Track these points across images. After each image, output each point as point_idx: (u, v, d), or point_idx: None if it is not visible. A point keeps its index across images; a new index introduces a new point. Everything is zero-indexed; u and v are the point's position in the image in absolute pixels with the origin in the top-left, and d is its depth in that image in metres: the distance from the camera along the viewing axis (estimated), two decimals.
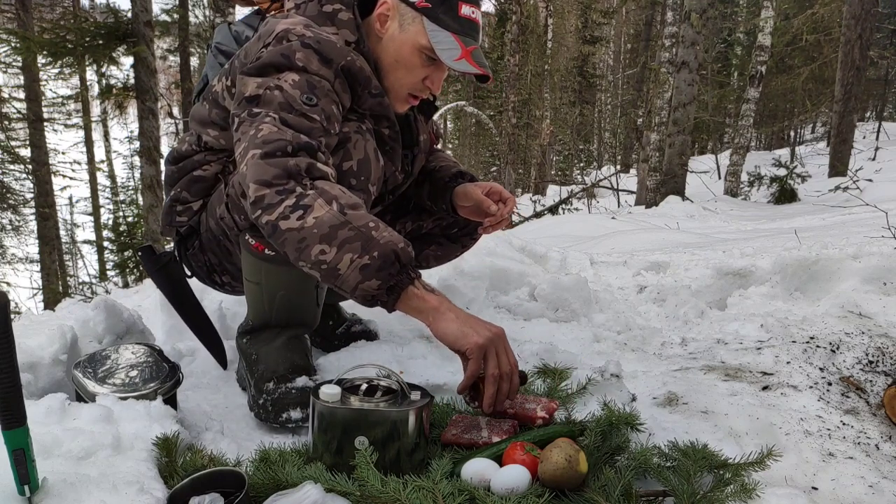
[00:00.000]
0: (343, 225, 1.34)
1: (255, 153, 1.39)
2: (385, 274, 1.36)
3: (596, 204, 13.50)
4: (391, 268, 1.36)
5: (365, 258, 1.34)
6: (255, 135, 1.42)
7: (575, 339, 2.33)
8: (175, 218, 1.80)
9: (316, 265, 1.36)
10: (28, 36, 9.56)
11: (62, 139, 16.23)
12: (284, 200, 1.35)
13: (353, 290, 1.37)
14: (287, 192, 1.36)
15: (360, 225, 1.35)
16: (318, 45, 1.52)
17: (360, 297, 1.40)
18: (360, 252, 1.34)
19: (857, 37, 11.69)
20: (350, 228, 1.34)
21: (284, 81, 1.48)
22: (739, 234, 6.18)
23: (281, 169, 1.37)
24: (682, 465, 1.40)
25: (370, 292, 1.37)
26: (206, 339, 1.96)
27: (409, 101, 1.72)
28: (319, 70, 1.51)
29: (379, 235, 1.36)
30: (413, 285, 1.39)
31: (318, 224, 1.34)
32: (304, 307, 1.73)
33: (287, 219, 1.35)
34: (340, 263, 1.34)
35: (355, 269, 1.35)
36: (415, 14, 1.61)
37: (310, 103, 1.47)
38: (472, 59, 1.61)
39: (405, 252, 1.38)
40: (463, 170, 1.96)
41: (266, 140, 1.40)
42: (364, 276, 1.35)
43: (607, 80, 27.33)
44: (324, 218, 1.34)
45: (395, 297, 1.39)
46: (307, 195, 1.36)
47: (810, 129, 24.55)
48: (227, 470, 1.24)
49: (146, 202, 9.18)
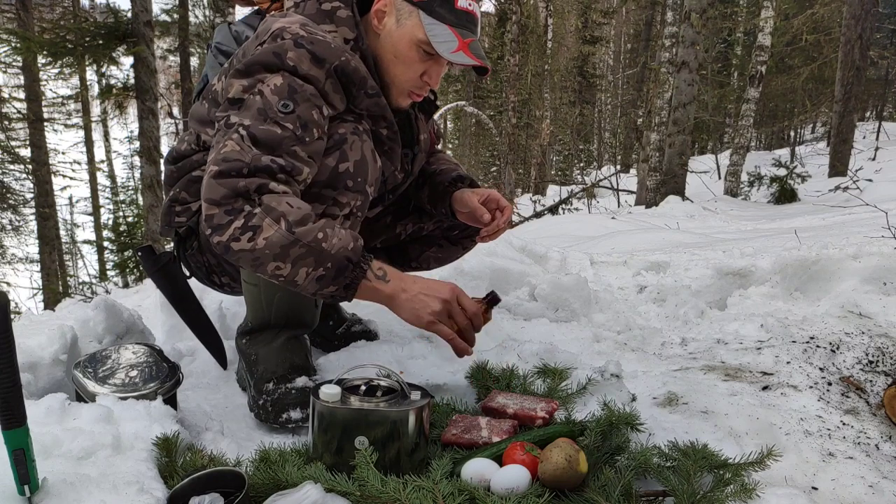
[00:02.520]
0: (293, 244, 1.39)
1: (213, 170, 1.42)
2: (341, 279, 1.43)
3: (596, 204, 13.50)
4: (345, 272, 1.43)
5: (320, 270, 1.41)
6: (220, 150, 1.45)
7: (575, 339, 2.33)
8: (174, 218, 1.80)
9: (274, 277, 1.43)
10: (28, 36, 9.56)
11: (62, 139, 16.22)
12: (234, 221, 1.39)
13: (313, 295, 1.46)
14: (235, 212, 1.39)
15: (310, 241, 1.39)
16: (311, 46, 1.51)
17: (319, 298, 1.52)
18: (314, 266, 1.41)
19: (857, 37, 11.68)
20: (301, 246, 1.39)
21: (267, 86, 1.49)
22: (739, 234, 6.18)
23: (229, 189, 1.40)
24: (682, 465, 1.40)
25: (328, 295, 1.46)
26: (206, 340, 1.95)
27: (411, 97, 1.71)
28: (310, 71, 1.50)
29: (329, 246, 1.41)
30: (365, 278, 1.46)
31: (268, 245, 1.38)
32: (302, 308, 1.73)
33: (238, 241, 1.39)
34: (297, 276, 1.41)
35: (312, 281, 1.42)
36: (411, 8, 1.60)
37: (285, 110, 1.47)
38: (470, 51, 1.60)
39: (356, 250, 1.44)
40: (462, 174, 1.94)
41: (226, 158, 1.43)
42: (321, 286, 1.43)
43: (607, 80, 27.32)
44: (273, 239, 1.38)
45: (353, 291, 1.46)
46: (254, 214, 1.39)
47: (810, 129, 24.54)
48: (227, 470, 1.24)
49: (146, 202, 9.18)
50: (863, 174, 10.85)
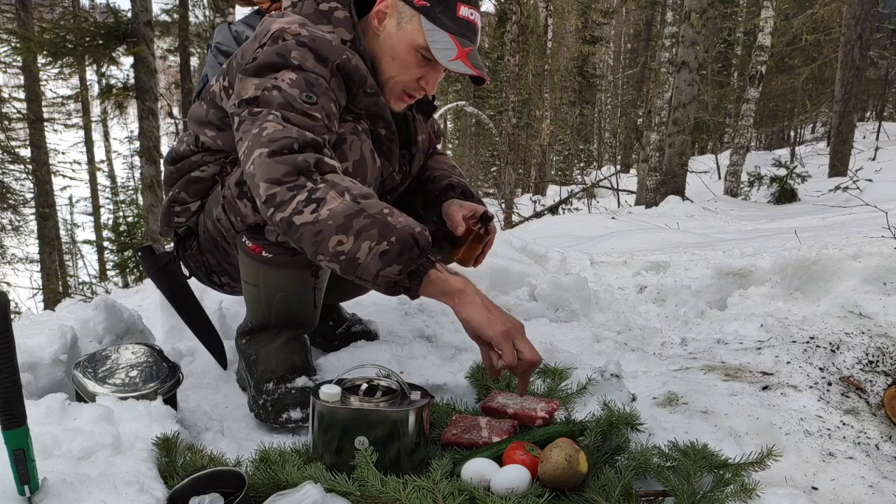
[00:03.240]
0: (357, 214, 1.33)
1: (262, 152, 1.38)
2: (405, 258, 1.34)
3: (596, 204, 13.50)
4: (410, 252, 1.34)
5: (383, 244, 1.33)
6: (260, 133, 1.41)
7: (575, 339, 2.33)
8: (173, 219, 1.80)
9: (334, 257, 1.35)
10: (28, 36, 9.56)
11: (62, 139, 16.21)
12: (296, 196, 1.35)
13: (375, 277, 1.36)
14: (298, 188, 1.35)
15: (375, 212, 1.34)
16: (313, 44, 1.51)
17: (382, 285, 1.38)
18: (378, 239, 1.33)
19: (857, 37, 11.68)
20: (365, 216, 1.33)
21: (282, 81, 1.48)
22: (739, 234, 6.18)
23: (290, 166, 1.36)
24: (682, 465, 1.40)
25: (392, 278, 1.35)
26: (206, 340, 1.95)
27: (404, 99, 1.71)
28: (315, 68, 1.51)
29: (395, 221, 1.35)
30: (434, 268, 1.37)
31: (332, 215, 1.33)
32: (302, 308, 1.73)
33: (301, 213, 1.34)
34: (359, 252, 1.33)
35: (374, 257, 1.33)
36: (413, 12, 1.60)
37: (309, 101, 1.47)
38: (468, 61, 1.60)
39: (423, 236, 1.37)
40: (454, 181, 1.91)
41: (272, 138, 1.39)
42: (384, 263, 1.33)
43: (607, 80, 27.32)
44: (337, 209, 1.33)
45: (418, 281, 1.36)
46: (318, 188, 1.35)
47: (810, 129, 24.54)
48: (227, 470, 1.24)
49: (146, 202, 9.18)
50: (863, 174, 10.85)
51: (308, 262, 1.65)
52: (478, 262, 1.89)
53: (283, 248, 1.61)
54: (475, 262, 1.89)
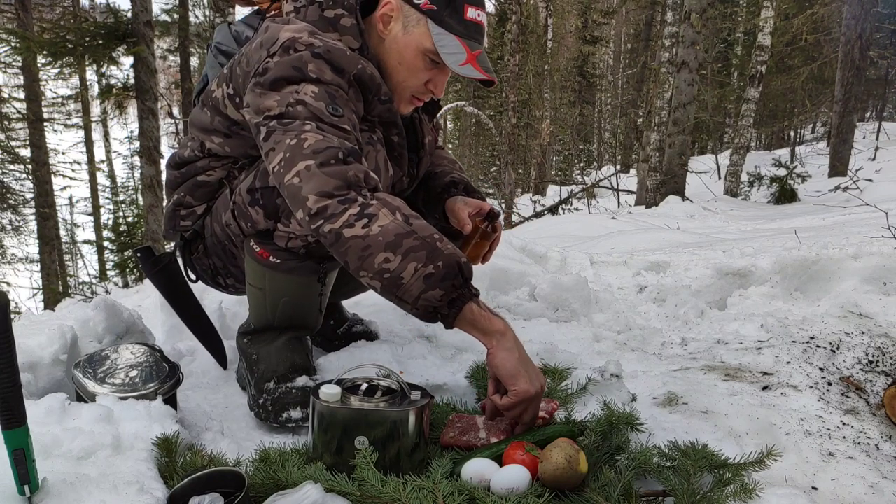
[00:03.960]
0: (409, 234, 1.34)
1: (310, 164, 1.36)
2: (448, 285, 1.34)
3: (596, 204, 13.50)
4: (455, 279, 1.35)
5: (430, 267, 1.33)
6: (300, 144, 1.38)
7: (575, 339, 2.33)
8: (179, 222, 1.79)
9: (378, 274, 1.34)
10: (28, 36, 9.56)
11: (62, 139, 16.21)
12: (348, 209, 1.34)
13: (416, 300, 1.35)
14: (350, 202, 1.35)
15: (426, 235, 1.35)
16: (328, 55, 1.48)
17: (421, 309, 1.37)
18: (425, 261, 1.33)
19: (857, 37, 11.68)
20: (416, 238, 1.33)
21: (304, 94, 1.45)
22: (739, 234, 6.18)
23: (341, 179, 1.36)
24: (682, 465, 1.40)
25: (432, 303, 1.35)
26: (206, 340, 1.95)
27: (413, 103, 1.70)
28: (333, 80, 1.48)
29: (443, 247, 1.36)
30: (474, 302, 1.38)
31: (383, 232, 1.33)
32: (306, 312, 1.73)
33: (352, 227, 1.33)
34: (405, 272, 1.33)
35: (419, 279, 1.33)
36: (419, 16, 1.58)
37: (337, 114, 1.45)
38: (478, 64, 1.58)
39: (468, 267, 1.38)
40: (457, 178, 1.91)
41: (316, 149, 1.37)
42: (427, 286, 1.33)
43: (607, 80, 27.32)
44: (389, 226, 1.33)
45: (457, 311, 1.37)
46: (371, 204, 1.35)
47: (810, 129, 24.54)
48: (227, 470, 1.24)
49: (146, 202, 9.18)
50: (863, 174, 10.85)
51: (315, 268, 1.64)
52: (485, 259, 1.90)
53: (290, 254, 1.61)
54: (483, 260, 1.89)
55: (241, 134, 1.63)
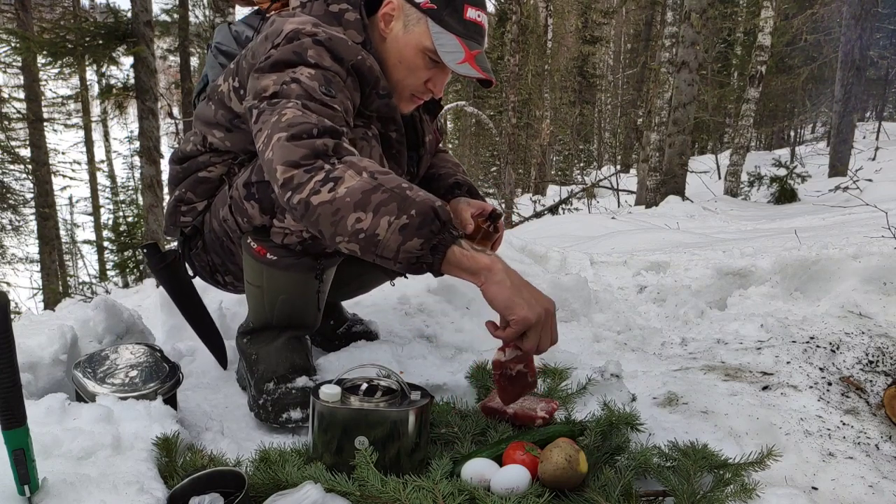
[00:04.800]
0: (375, 189, 1.29)
1: (281, 136, 1.36)
2: (426, 231, 1.29)
3: (596, 204, 13.50)
4: (431, 224, 1.29)
5: (403, 218, 1.28)
6: (279, 120, 1.39)
7: (575, 339, 2.33)
8: (179, 218, 1.80)
9: (353, 236, 1.31)
10: (28, 36, 9.55)
11: (62, 139, 16.20)
12: (314, 177, 1.32)
13: (396, 254, 1.30)
14: (316, 170, 1.32)
15: (393, 186, 1.31)
16: (329, 43, 1.51)
17: (403, 262, 1.32)
18: (398, 213, 1.29)
19: (857, 37, 11.68)
20: (383, 191, 1.29)
21: (301, 74, 1.46)
22: (739, 234, 6.18)
23: (308, 149, 1.34)
24: (682, 465, 1.40)
25: (413, 253, 1.30)
26: (208, 339, 1.96)
27: (413, 101, 1.71)
28: (332, 66, 1.50)
29: (414, 194, 1.31)
30: (457, 244, 1.32)
31: (349, 192, 1.29)
32: (304, 310, 1.73)
33: (318, 193, 1.30)
34: (378, 228, 1.29)
35: (394, 232, 1.28)
36: (420, 15, 1.60)
37: (329, 94, 1.46)
38: (476, 64, 1.59)
39: (443, 210, 1.32)
40: (460, 179, 1.91)
41: (291, 123, 1.37)
42: (405, 237, 1.28)
43: (607, 80, 27.32)
44: (355, 185, 1.30)
45: (441, 256, 1.31)
46: (336, 168, 1.32)
47: (810, 129, 24.54)
48: (227, 470, 1.24)
49: (146, 202, 9.17)
50: (863, 174, 10.86)
51: (312, 265, 1.64)
52: None
53: (287, 251, 1.61)
54: None
55: (242, 128, 1.64)
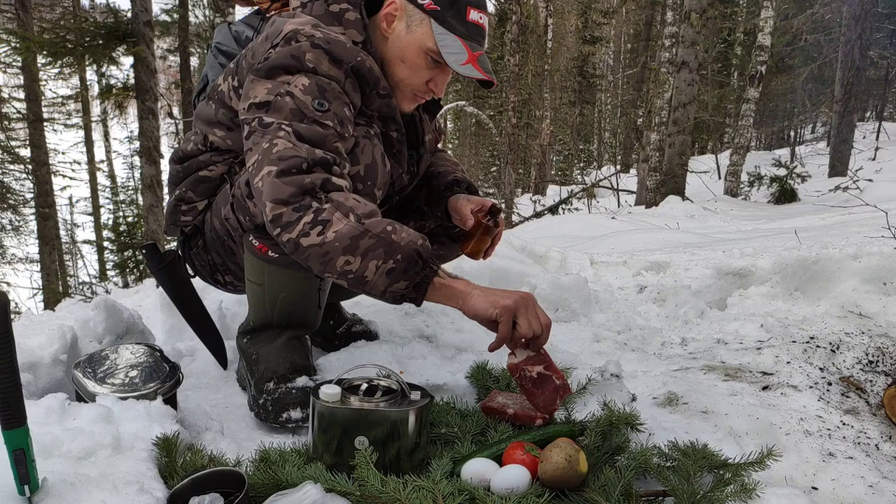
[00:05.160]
0: (363, 234, 1.37)
1: (271, 170, 1.39)
2: (411, 274, 1.40)
3: (596, 204, 13.50)
4: (415, 267, 1.40)
5: (390, 263, 1.38)
6: (270, 149, 1.42)
7: (575, 339, 2.33)
8: (179, 217, 1.80)
9: (342, 275, 1.40)
10: (28, 36, 9.56)
11: (62, 139, 16.20)
12: (303, 217, 1.37)
13: (382, 293, 1.42)
14: (304, 209, 1.37)
15: (379, 231, 1.38)
16: (328, 46, 1.51)
17: (390, 298, 1.44)
18: (384, 257, 1.38)
19: (857, 37, 11.69)
20: (370, 237, 1.37)
21: (294, 87, 1.47)
22: (739, 234, 6.18)
23: (296, 187, 1.38)
24: (682, 465, 1.40)
25: (399, 292, 1.42)
26: (207, 339, 1.95)
27: (414, 101, 1.72)
28: (330, 71, 1.50)
29: (398, 238, 1.39)
30: (437, 276, 1.43)
31: (338, 237, 1.36)
32: (305, 309, 1.73)
33: (308, 235, 1.37)
34: (367, 272, 1.38)
35: (382, 275, 1.39)
36: (423, 16, 1.61)
37: (321, 109, 1.47)
38: (478, 65, 1.61)
39: (425, 248, 1.42)
40: (459, 177, 1.93)
41: (281, 156, 1.40)
42: (391, 280, 1.40)
43: (607, 80, 27.31)
44: (343, 230, 1.37)
45: (423, 291, 1.43)
46: (324, 210, 1.37)
47: (810, 129, 24.54)
48: (227, 470, 1.24)
49: (146, 202, 9.18)
50: (863, 174, 10.87)
51: None
52: (487, 254, 1.91)
53: None
54: (485, 255, 1.91)
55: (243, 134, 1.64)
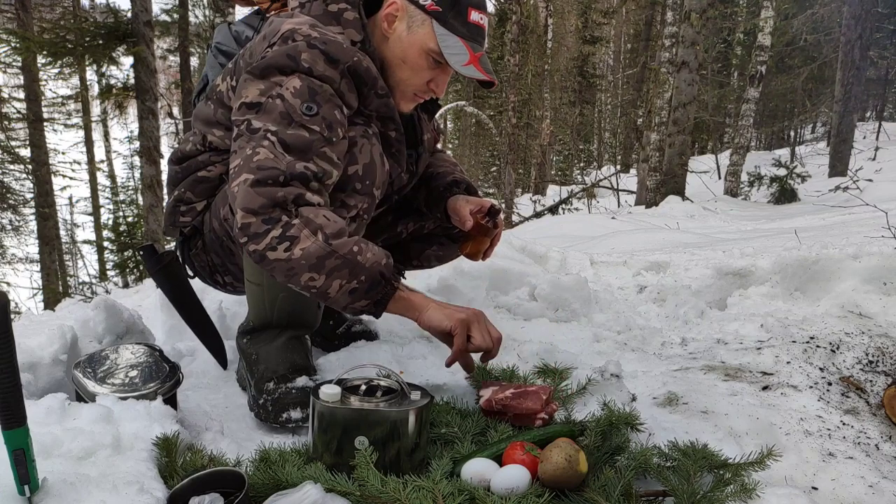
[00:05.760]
0: (330, 255, 1.40)
1: (248, 178, 1.41)
2: (373, 293, 1.45)
3: (596, 204, 13.50)
4: (378, 287, 1.44)
5: (353, 283, 1.42)
6: (251, 157, 1.43)
7: (575, 339, 2.33)
8: (178, 218, 1.80)
9: (306, 289, 1.43)
10: (28, 36, 9.56)
11: (62, 139, 16.20)
12: (271, 231, 1.38)
13: (344, 308, 1.48)
14: (273, 222, 1.39)
15: (346, 252, 1.41)
16: (324, 46, 1.51)
17: (349, 312, 1.51)
18: (349, 278, 1.42)
19: (857, 37, 11.69)
20: (336, 257, 1.40)
21: (286, 89, 1.47)
22: (739, 234, 6.18)
23: (268, 199, 1.39)
24: (682, 465, 1.40)
25: (359, 309, 1.47)
26: (207, 339, 1.95)
27: (415, 100, 1.72)
28: (325, 71, 1.50)
29: (364, 259, 1.42)
30: (399, 289, 1.48)
31: (305, 256, 1.39)
32: (304, 308, 1.73)
33: (274, 250, 1.39)
34: (330, 289, 1.42)
35: (345, 294, 1.43)
36: (424, 17, 1.61)
37: (310, 113, 1.47)
38: (480, 65, 1.62)
39: (388, 267, 1.46)
40: (458, 178, 1.93)
41: (261, 166, 1.41)
42: (353, 299, 1.44)
43: (607, 80, 27.29)
44: (310, 249, 1.39)
45: (382, 307, 1.48)
46: (292, 225, 1.39)
47: (810, 129, 24.54)
48: (227, 470, 1.24)
49: (146, 202, 9.18)
50: (863, 174, 10.87)
51: None
52: (486, 255, 1.92)
53: None
54: (484, 256, 1.91)
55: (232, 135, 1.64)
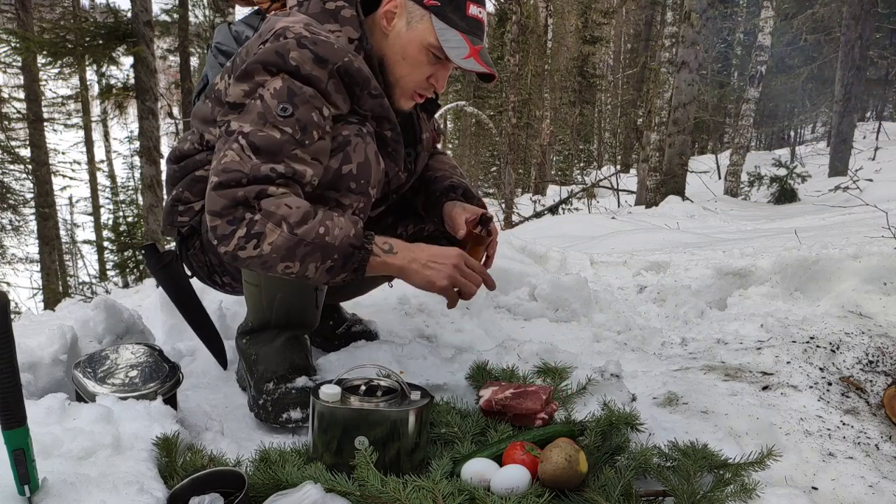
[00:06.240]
0: (298, 244, 1.43)
1: (213, 181, 1.46)
2: (350, 265, 1.47)
3: (596, 204, 13.49)
4: (352, 258, 1.47)
5: (328, 262, 1.45)
6: (221, 160, 1.47)
7: (575, 339, 2.33)
8: (176, 218, 1.79)
9: (285, 275, 1.47)
10: (28, 36, 9.56)
11: (62, 139, 16.19)
12: (237, 231, 1.42)
13: (325, 284, 1.54)
14: (237, 222, 1.42)
15: (313, 238, 1.43)
16: (313, 46, 1.51)
17: (332, 285, 1.56)
18: (322, 260, 1.45)
19: (857, 37, 11.69)
20: (305, 245, 1.43)
21: (267, 90, 1.50)
22: (739, 234, 6.17)
23: (229, 199, 1.43)
24: (682, 465, 1.40)
25: (340, 281, 1.51)
26: (207, 339, 1.95)
27: (414, 98, 1.72)
28: (312, 71, 1.50)
29: (332, 239, 1.45)
30: (373, 254, 1.49)
31: (274, 249, 1.42)
32: (303, 309, 1.73)
33: (244, 249, 1.43)
34: (308, 272, 1.46)
35: (322, 273, 1.47)
36: (423, 12, 1.61)
37: (284, 114, 1.48)
38: (480, 58, 1.62)
39: (358, 235, 1.48)
40: (456, 182, 1.92)
41: (225, 169, 1.45)
42: (332, 275, 1.48)
43: (607, 80, 27.28)
44: (277, 242, 1.42)
45: (363, 272, 1.50)
46: (256, 221, 1.42)
47: (810, 129, 24.54)
48: (227, 470, 1.24)
49: (146, 202, 9.18)
50: (863, 174, 10.86)
51: None
52: (486, 265, 1.86)
53: None
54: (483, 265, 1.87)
55: None
